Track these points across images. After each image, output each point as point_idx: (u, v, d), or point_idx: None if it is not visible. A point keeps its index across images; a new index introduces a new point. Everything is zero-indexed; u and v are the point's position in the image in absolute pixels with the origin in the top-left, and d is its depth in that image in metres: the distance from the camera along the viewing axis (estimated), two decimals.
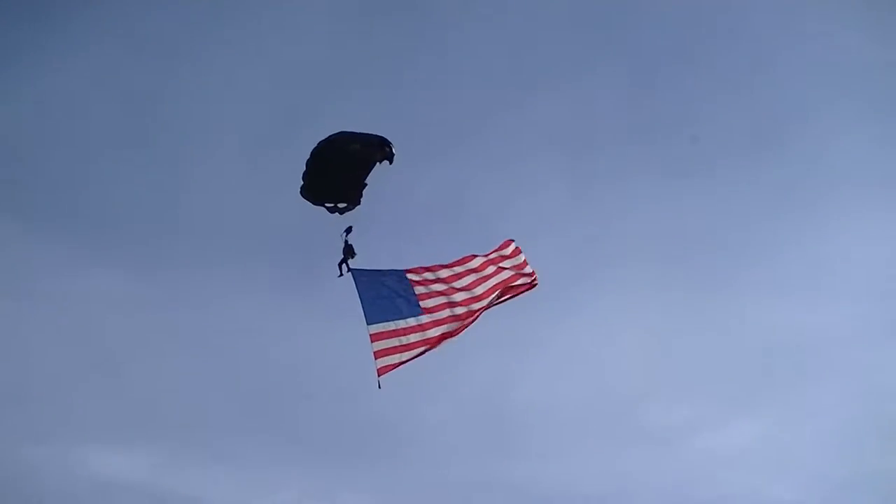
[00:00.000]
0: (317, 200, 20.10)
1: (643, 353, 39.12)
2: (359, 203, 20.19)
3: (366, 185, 20.06)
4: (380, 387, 18.85)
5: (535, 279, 21.21)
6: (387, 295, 19.80)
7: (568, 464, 36.47)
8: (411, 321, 19.80)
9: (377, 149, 19.53)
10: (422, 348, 19.61)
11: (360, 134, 19.52)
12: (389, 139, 19.59)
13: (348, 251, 19.84)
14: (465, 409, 38.39)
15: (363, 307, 19.30)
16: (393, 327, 19.48)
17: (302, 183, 19.87)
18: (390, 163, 19.70)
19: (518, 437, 37.48)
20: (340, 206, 20.17)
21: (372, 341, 19.12)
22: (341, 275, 19.74)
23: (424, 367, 19.79)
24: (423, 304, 20.19)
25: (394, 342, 19.38)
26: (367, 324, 19.21)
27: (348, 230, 20.00)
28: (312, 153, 19.43)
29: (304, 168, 19.76)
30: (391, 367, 19.12)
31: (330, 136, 19.29)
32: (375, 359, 19.00)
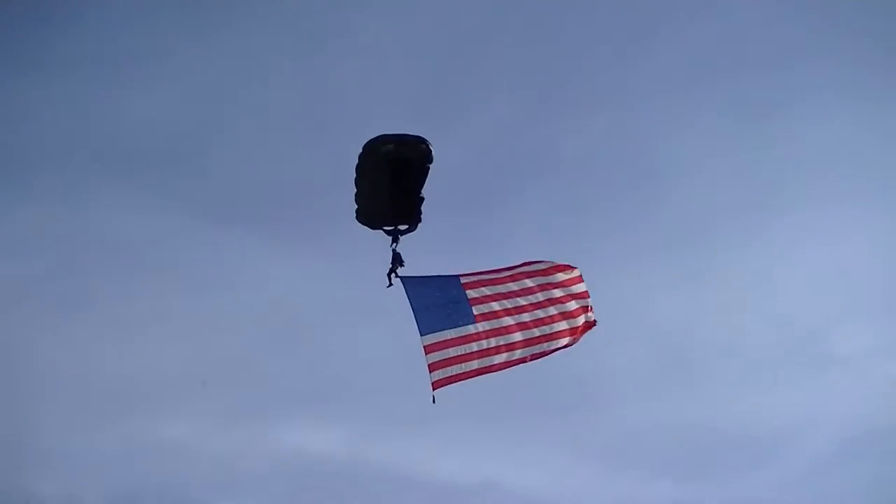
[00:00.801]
0: (374, 225, 18.53)
1: (827, 276, 37.66)
2: (419, 221, 18.56)
3: (423, 198, 18.64)
4: (434, 401, 17.89)
5: (592, 319, 19.28)
6: (440, 302, 18.59)
7: (755, 399, 35.29)
8: (469, 329, 18.54)
9: (413, 147, 18.02)
10: (486, 361, 18.34)
11: (394, 134, 18.14)
12: (427, 138, 18.06)
13: (396, 260, 18.81)
14: (648, 352, 37.21)
15: (415, 317, 18.27)
16: (448, 336, 18.32)
17: (355, 207, 18.33)
18: (428, 162, 18.20)
19: (703, 376, 36.37)
20: (401, 228, 18.50)
21: (426, 353, 18.07)
22: (390, 284, 18.80)
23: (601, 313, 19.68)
24: (477, 310, 18.80)
25: (449, 353, 18.24)
26: (421, 334, 18.21)
27: (396, 238, 18.89)
28: (356, 171, 18.28)
29: (354, 190, 18.22)
30: (447, 381, 18.05)
31: (364, 146, 18.11)
32: (430, 371, 17.99)
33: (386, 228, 18.51)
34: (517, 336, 18.87)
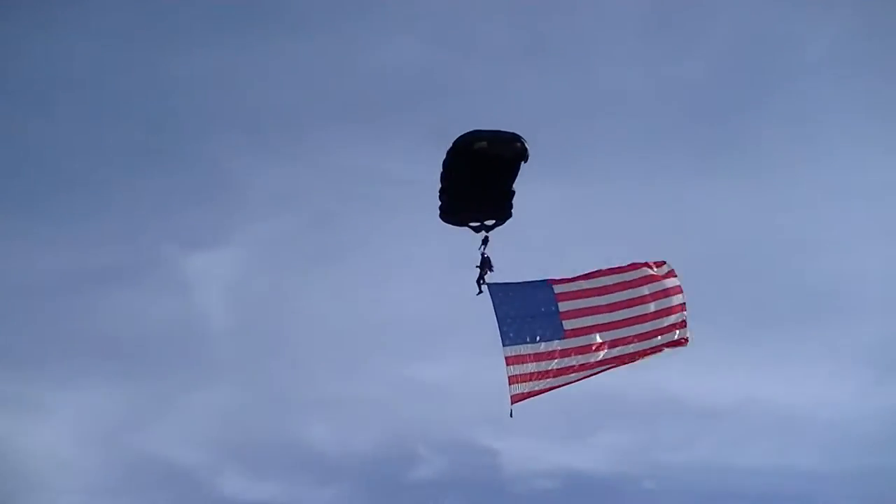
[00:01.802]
0: (460, 222, 18.00)
1: None
2: (509, 216, 17.96)
3: (513, 192, 17.77)
4: (512, 415, 17.45)
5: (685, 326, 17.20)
6: (527, 313, 17.79)
7: None
8: (554, 344, 17.63)
9: (507, 145, 17.06)
10: (561, 379, 17.44)
11: (488, 131, 17.24)
12: (522, 135, 17.01)
13: (485, 265, 18.10)
14: None
15: (499, 326, 17.74)
16: (531, 350, 17.58)
17: (439, 204, 17.82)
18: (524, 160, 17.16)
19: None
20: (488, 223, 17.94)
21: (507, 364, 17.55)
22: (480, 292, 18.23)
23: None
24: (567, 324, 17.73)
25: (531, 367, 17.54)
26: (503, 345, 17.68)
27: (485, 241, 18.16)
28: (443, 166, 17.79)
29: (439, 186, 17.70)
30: (525, 396, 17.45)
31: (455, 142, 17.44)
32: (510, 384, 17.50)
33: (472, 225, 18.09)
34: (607, 352, 17.71)
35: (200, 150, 37.69)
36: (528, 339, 17.61)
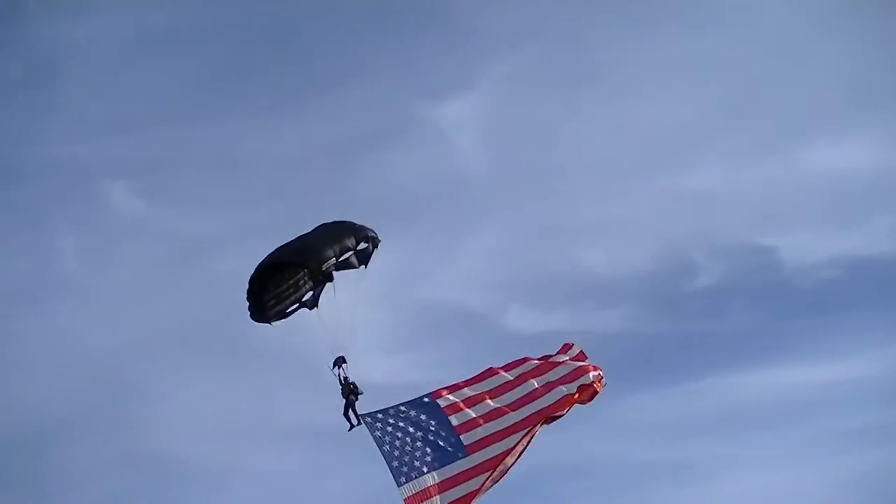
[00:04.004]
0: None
1: None
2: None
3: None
4: None
5: (599, 379, 15.07)
6: (418, 440, 15.16)
7: None
8: (458, 466, 14.99)
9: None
10: (474, 498, 14.81)
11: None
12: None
13: (351, 392, 15.47)
14: None
15: (388, 465, 14.99)
16: (433, 481, 14.88)
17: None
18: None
19: None
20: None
21: None
22: (353, 426, 15.54)
23: None
24: (466, 438, 15.18)
25: (439, 500, 14.82)
26: (398, 486, 14.90)
27: (339, 362, 15.63)
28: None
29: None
30: None
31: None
32: None
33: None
34: (518, 452, 15.26)
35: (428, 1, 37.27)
36: (426, 470, 14.89)
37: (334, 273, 16.18)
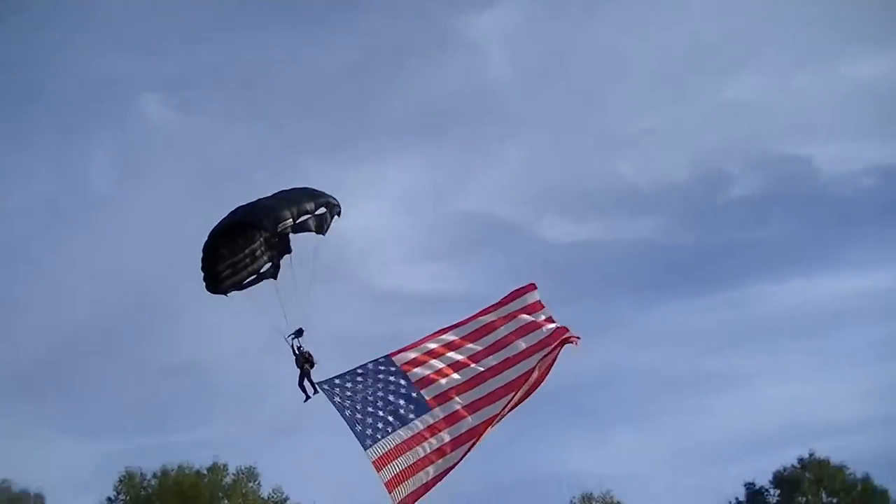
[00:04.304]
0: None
1: None
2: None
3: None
4: None
5: (568, 336, 14.33)
6: (379, 399, 14.60)
7: None
8: (421, 422, 14.43)
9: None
10: (442, 464, 14.29)
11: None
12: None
13: (306, 361, 14.88)
14: None
15: (352, 430, 14.49)
16: (399, 440, 14.38)
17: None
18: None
19: None
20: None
21: (377, 471, 14.33)
22: (308, 397, 15.02)
23: None
24: (427, 392, 14.58)
25: (405, 461, 14.33)
26: (365, 449, 14.42)
27: (298, 333, 15.03)
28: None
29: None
30: (413, 499, 14.21)
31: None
32: (389, 492, 14.25)
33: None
34: (481, 412, 14.67)
35: None
36: (390, 430, 14.42)
37: (291, 244, 15.59)
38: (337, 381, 14.84)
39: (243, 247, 15.84)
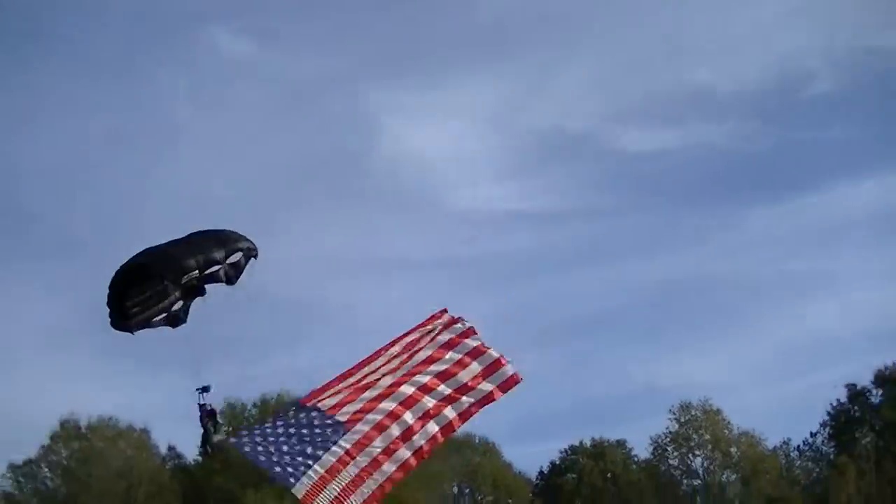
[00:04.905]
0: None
1: None
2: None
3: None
4: None
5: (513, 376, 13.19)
6: (293, 437, 14.35)
7: None
8: (342, 446, 14.02)
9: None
10: (372, 482, 13.81)
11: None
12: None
13: (209, 420, 14.26)
14: None
15: (274, 473, 14.12)
16: (323, 468, 14.02)
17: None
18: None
19: None
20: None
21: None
22: (208, 454, 14.55)
23: None
24: (341, 415, 14.07)
25: (335, 488, 13.94)
26: (292, 490, 14.10)
27: (205, 389, 14.43)
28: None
29: None
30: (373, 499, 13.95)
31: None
32: None
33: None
34: (414, 409, 13.99)
35: None
36: (311, 462, 14.02)
37: (207, 287, 14.80)
38: (244, 431, 14.55)
39: (154, 286, 15.19)
